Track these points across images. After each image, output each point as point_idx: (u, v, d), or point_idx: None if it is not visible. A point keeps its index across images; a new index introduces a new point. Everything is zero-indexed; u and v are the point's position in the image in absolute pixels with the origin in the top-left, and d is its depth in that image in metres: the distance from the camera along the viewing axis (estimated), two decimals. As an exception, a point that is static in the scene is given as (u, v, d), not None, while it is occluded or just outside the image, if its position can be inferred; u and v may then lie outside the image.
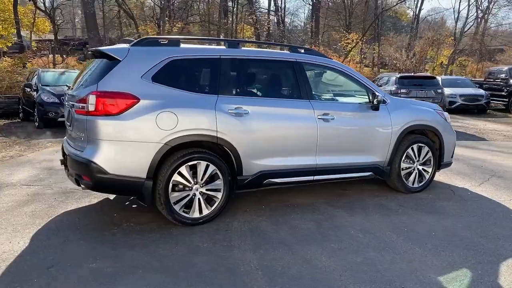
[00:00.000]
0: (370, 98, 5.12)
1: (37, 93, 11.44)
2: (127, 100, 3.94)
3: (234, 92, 4.50)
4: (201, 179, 4.28)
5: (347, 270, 3.42)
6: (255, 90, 4.80)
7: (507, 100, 17.46)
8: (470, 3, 37.02)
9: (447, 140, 5.72)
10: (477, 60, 34.98)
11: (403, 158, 5.39)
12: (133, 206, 4.95)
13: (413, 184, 5.55)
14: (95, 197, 5.20)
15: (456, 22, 39.39)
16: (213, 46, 4.82)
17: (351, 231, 4.25)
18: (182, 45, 4.45)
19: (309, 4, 38.73)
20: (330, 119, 4.82)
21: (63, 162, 4.73)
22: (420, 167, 5.57)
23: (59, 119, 11.07)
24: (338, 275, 3.34)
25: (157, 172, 4.08)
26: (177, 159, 4.13)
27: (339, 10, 39.79)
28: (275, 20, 36.96)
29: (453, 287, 3.18)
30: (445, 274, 3.37)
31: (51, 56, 25.48)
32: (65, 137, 4.96)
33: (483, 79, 20.30)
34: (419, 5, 39.11)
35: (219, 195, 4.39)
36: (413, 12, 40.37)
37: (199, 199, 4.30)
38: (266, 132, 4.54)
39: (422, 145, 5.51)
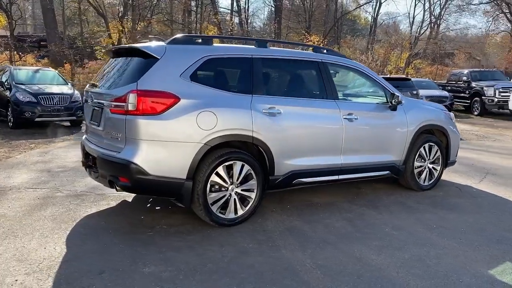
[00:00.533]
0: (388, 98, 5.24)
1: (10, 91, 10.87)
2: (168, 99, 3.84)
3: (266, 91, 4.47)
4: (237, 179, 4.24)
5: (400, 266, 3.49)
6: (285, 90, 4.79)
7: (469, 101, 18.31)
8: (425, 8, 38.51)
9: (453, 140, 5.96)
10: (431, 63, 36.56)
11: (416, 157, 5.56)
12: (157, 208, 4.83)
13: (424, 182, 5.73)
14: (112, 200, 5.03)
15: (411, 26, 40.89)
16: (244, 46, 4.78)
17: (385, 229, 4.34)
18: (214, 44, 4.39)
19: (272, 6, 39.01)
20: (354, 119, 4.90)
21: (86, 163, 4.54)
22: (430, 166, 5.76)
23: (36, 119, 10.61)
24: (395, 272, 3.40)
25: (195, 173, 4.00)
26: (215, 159, 4.07)
27: (299, 12, 40.30)
28: (237, 21, 36.93)
29: (507, 280, 3.31)
30: (493, 267, 3.50)
31: (6, 53, 24.27)
32: (85, 137, 4.77)
33: (445, 81, 21.18)
34: (376, 9, 40.20)
35: (253, 195, 4.36)
36: (372, 16, 41.51)
37: (234, 199, 4.25)
38: (297, 132, 4.55)
39: (433, 144, 5.70)
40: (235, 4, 36.66)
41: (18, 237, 3.93)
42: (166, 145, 3.87)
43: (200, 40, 4.29)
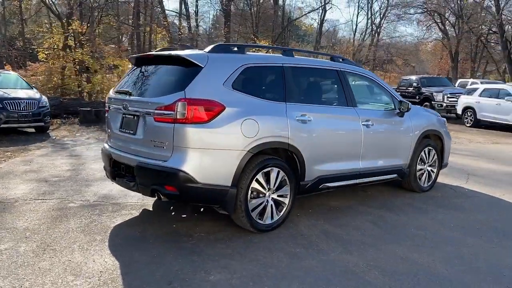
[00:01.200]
0: (396, 105, 5.53)
1: (-29, 96, 10.18)
2: (216, 107, 3.86)
3: (297, 99, 4.59)
4: (273, 186, 4.32)
5: (445, 263, 3.73)
6: (312, 98, 4.89)
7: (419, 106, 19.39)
8: (369, 17, 40.33)
9: (447, 144, 6.39)
10: (371, 69, 38.46)
11: (418, 161, 5.90)
12: (183, 216, 4.79)
13: (424, 184, 6.09)
14: (132, 209, 4.94)
15: (354, 34, 42.65)
16: (275, 55, 4.86)
17: (410, 229, 4.59)
18: (248, 53, 4.46)
19: (221, 10, 38.98)
20: (371, 125, 5.14)
21: (115, 173, 4.44)
22: (429, 168, 6.13)
23: (2, 126, 10.01)
24: (444, 269, 3.63)
25: (239, 180, 4.04)
26: (256, 166, 4.13)
27: (246, 17, 40.66)
28: (186, 25, 36.66)
29: (542, 272, 3.65)
30: (524, 261, 3.85)
31: None
32: (108, 146, 4.64)
33: (395, 87, 22.25)
34: (322, 16, 41.43)
35: (286, 200, 4.46)
36: (317, 23, 42.73)
37: (271, 205, 4.33)
38: (325, 138, 4.71)
39: (431, 148, 6.08)
40: (183, 8, 36.41)
41: (57, 250, 3.78)
42: (213, 153, 3.89)
43: (236, 49, 4.34)
